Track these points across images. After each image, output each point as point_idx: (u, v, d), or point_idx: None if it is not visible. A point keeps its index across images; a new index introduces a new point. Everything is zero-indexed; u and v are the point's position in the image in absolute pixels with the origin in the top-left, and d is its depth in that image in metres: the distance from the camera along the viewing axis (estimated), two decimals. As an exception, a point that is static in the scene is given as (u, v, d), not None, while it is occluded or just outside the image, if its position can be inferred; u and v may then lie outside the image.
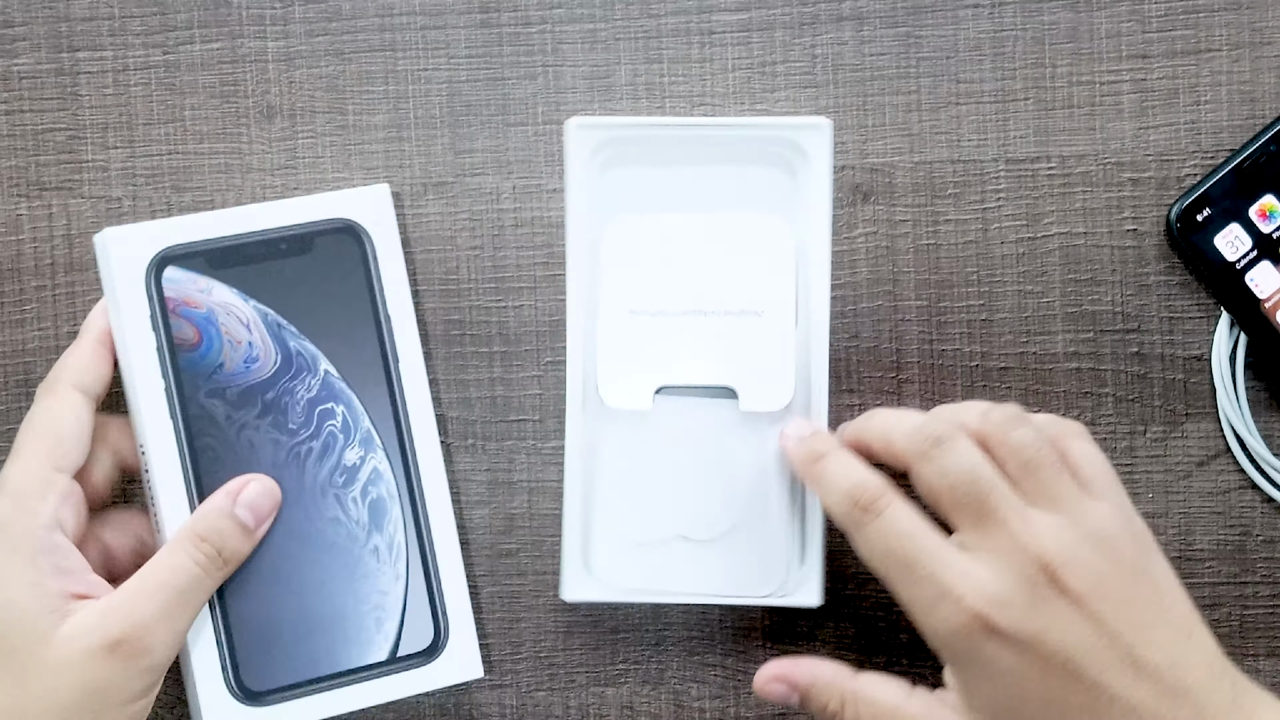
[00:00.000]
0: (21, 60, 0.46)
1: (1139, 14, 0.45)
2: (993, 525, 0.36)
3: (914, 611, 0.36)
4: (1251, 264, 0.44)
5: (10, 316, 0.47)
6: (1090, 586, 0.35)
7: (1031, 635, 0.35)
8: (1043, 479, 0.37)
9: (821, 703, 0.39)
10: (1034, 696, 0.35)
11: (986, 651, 0.35)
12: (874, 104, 0.45)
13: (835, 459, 0.39)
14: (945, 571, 0.36)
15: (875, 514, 0.37)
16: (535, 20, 0.46)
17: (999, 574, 0.35)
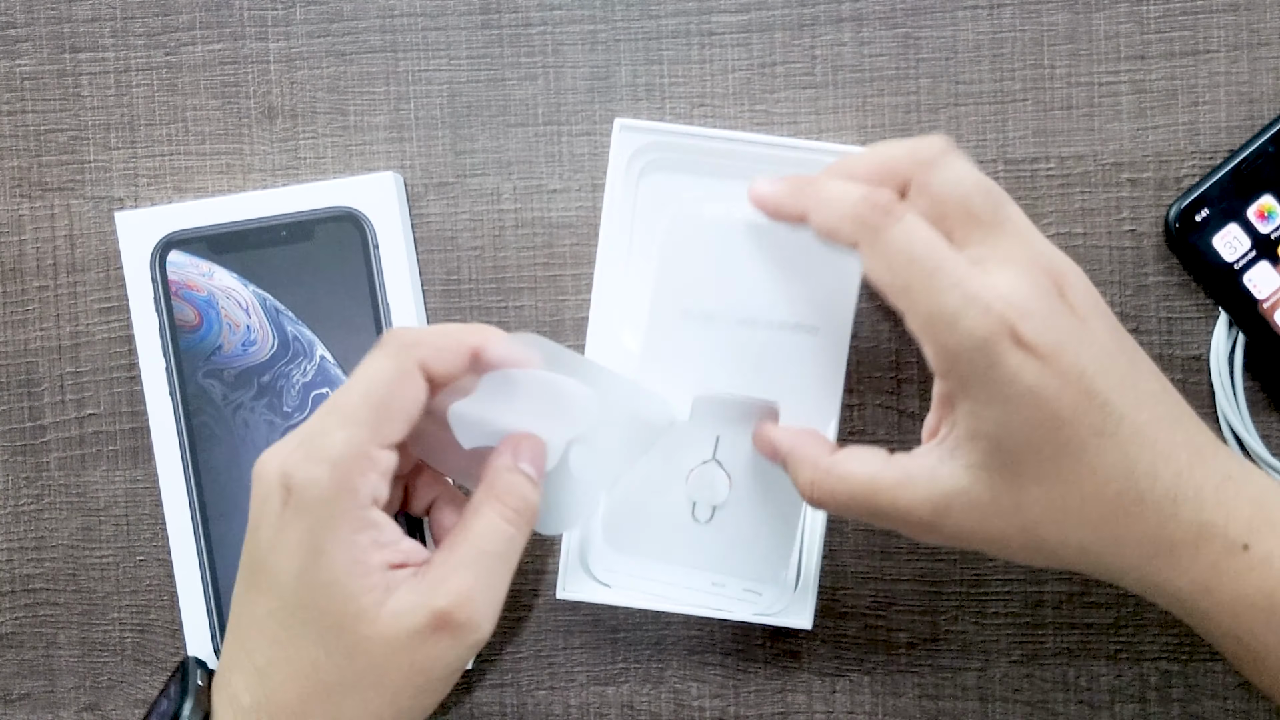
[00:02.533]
0: (24, 61, 0.46)
1: (1137, 15, 0.45)
2: (1005, 235, 0.34)
3: (934, 323, 0.34)
4: (1250, 264, 0.44)
5: (12, 316, 0.47)
6: (1091, 307, 0.34)
7: (1053, 346, 0.33)
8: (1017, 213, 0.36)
9: (795, 473, 0.38)
10: (1046, 416, 0.33)
11: (1009, 363, 0.33)
12: (873, 105, 0.45)
13: (832, 179, 0.37)
14: (970, 280, 0.33)
15: (896, 217, 0.34)
16: (535, 21, 0.46)
17: (1019, 284, 0.33)
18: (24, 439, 0.47)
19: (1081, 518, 0.34)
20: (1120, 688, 0.45)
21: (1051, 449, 0.34)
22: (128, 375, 0.46)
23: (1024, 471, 0.34)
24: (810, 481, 0.37)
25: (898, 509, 0.35)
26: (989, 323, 0.33)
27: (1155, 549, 0.34)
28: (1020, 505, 0.34)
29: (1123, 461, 0.34)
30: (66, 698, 0.47)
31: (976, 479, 0.34)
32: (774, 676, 0.46)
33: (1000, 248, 0.34)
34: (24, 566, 0.47)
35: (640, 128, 0.43)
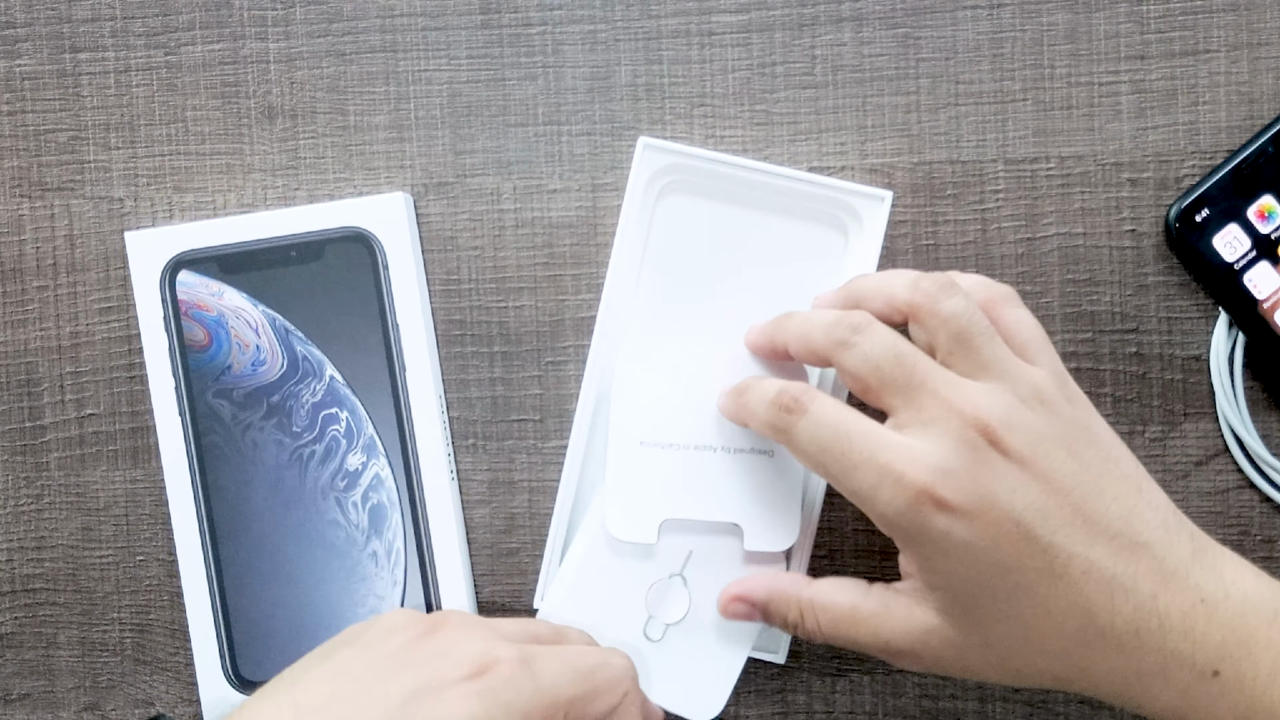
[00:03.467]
0: (24, 61, 0.46)
1: (1137, 15, 0.45)
2: (924, 396, 0.35)
3: (859, 500, 0.35)
4: (1250, 264, 0.44)
5: (12, 316, 0.47)
6: (1031, 446, 0.34)
7: (979, 502, 0.34)
8: (976, 347, 0.35)
9: (781, 615, 0.39)
10: (990, 565, 0.34)
11: (938, 526, 0.34)
12: (873, 105, 0.45)
13: (756, 383, 0.39)
14: (883, 452, 0.34)
15: (801, 411, 0.36)
16: (535, 21, 0.46)
17: (937, 444, 0.34)
18: (24, 439, 0.47)
19: (1046, 650, 0.35)
20: (1120, 688, 0.45)
21: (1004, 592, 0.34)
22: (127, 375, 0.46)
23: (985, 615, 0.35)
24: (798, 617, 0.39)
25: (879, 639, 0.37)
26: (905, 494, 0.34)
27: (1124, 678, 0.34)
28: (989, 642, 0.35)
29: (1078, 600, 0.34)
30: (66, 698, 0.47)
31: (945, 621, 0.36)
32: (774, 676, 0.46)
33: (922, 410, 0.35)
34: (24, 566, 0.47)
35: (664, 149, 0.42)
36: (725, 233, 0.43)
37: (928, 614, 0.36)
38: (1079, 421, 0.35)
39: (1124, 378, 0.45)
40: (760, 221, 0.43)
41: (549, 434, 0.46)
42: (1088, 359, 0.45)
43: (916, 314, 0.36)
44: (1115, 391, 0.45)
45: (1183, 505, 0.45)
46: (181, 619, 0.47)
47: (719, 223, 0.43)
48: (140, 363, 0.46)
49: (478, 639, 0.36)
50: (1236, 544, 0.45)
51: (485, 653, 0.35)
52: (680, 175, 0.43)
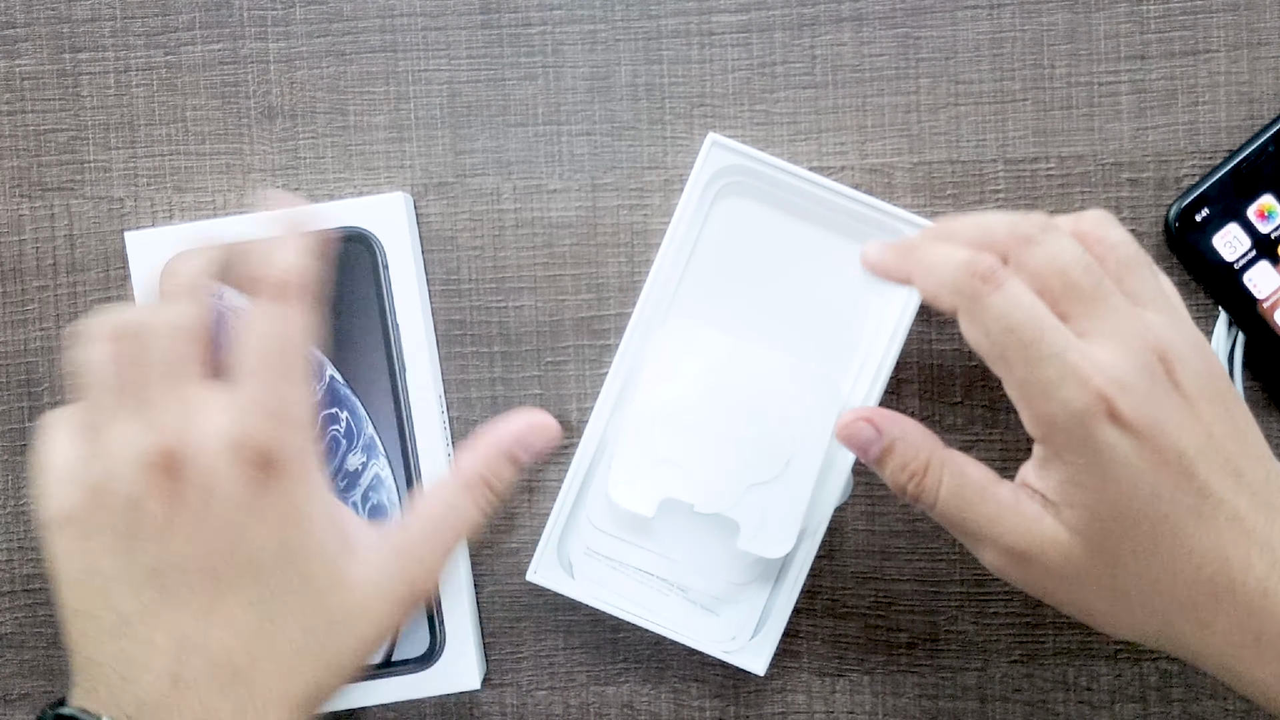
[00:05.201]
0: (24, 61, 0.46)
1: (1137, 15, 0.45)
2: (1107, 310, 0.34)
3: (1032, 393, 0.34)
4: (1250, 264, 0.44)
5: (12, 317, 0.47)
6: (1198, 389, 0.34)
7: (1151, 424, 0.33)
8: (1141, 278, 0.35)
9: (904, 460, 0.37)
10: (1144, 491, 0.33)
11: (1105, 438, 0.33)
12: (873, 105, 0.45)
13: (935, 243, 0.37)
14: (1072, 351, 0.33)
15: (997, 285, 0.34)
16: (535, 21, 0.46)
17: (1120, 359, 0.33)
18: (24, 439, 0.47)
19: (1172, 597, 0.34)
20: (1120, 687, 0.45)
21: (1148, 525, 0.34)
22: (127, 375, 0.46)
23: (1121, 543, 0.34)
24: (922, 468, 0.36)
25: (996, 527, 0.35)
26: (1085, 396, 0.33)
27: (1242, 639, 0.34)
28: (1113, 574, 0.34)
29: (1218, 546, 0.34)
30: (66, 698, 0.47)
31: (1075, 540, 0.34)
32: (774, 676, 0.46)
33: (1105, 321, 0.34)
34: (24, 566, 0.47)
35: (732, 148, 0.42)
36: (778, 240, 0.43)
37: (1058, 527, 0.34)
38: (1226, 378, 0.35)
39: (1124, 377, 0.45)
40: (814, 235, 0.43)
41: (549, 434, 0.46)
42: (1088, 359, 0.45)
43: (1084, 240, 0.36)
44: (1115, 391, 0.45)
45: (1183, 505, 0.45)
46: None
47: (773, 230, 0.43)
48: (140, 363, 0.46)
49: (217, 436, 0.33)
50: (1236, 544, 0.45)
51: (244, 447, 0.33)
52: (741, 177, 0.43)
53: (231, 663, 0.33)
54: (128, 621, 0.33)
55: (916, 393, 0.45)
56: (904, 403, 0.45)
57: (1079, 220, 0.36)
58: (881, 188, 0.45)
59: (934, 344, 0.45)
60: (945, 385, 0.45)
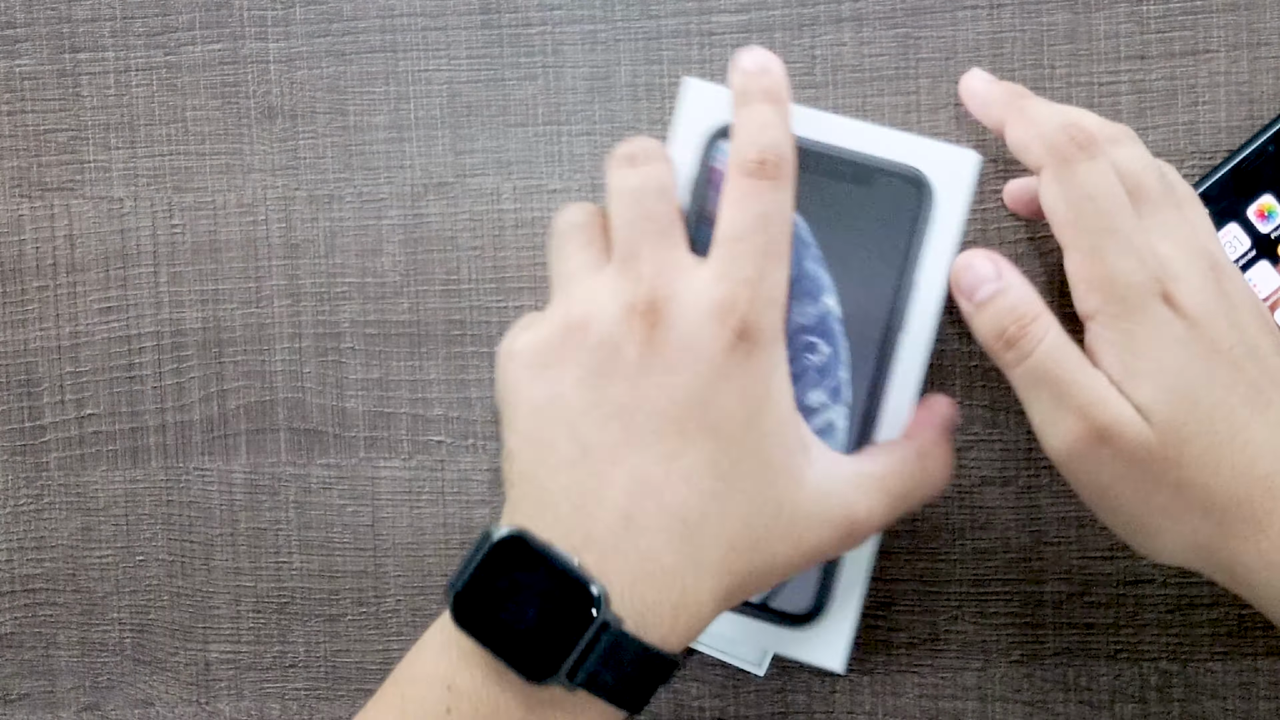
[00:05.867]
0: (24, 61, 0.46)
1: (1137, 15, 0.45)
2: (1171, 217, 0.36)
3: (1093, 261, 0.35)
4: (1250, 264, 0.44)
5: (12, 316, 0.47)
6: (1244, 303, 0.35)
7: (1203, 314, 0.34)
8: (1201, 213, 0.37)
9: (1016, 303, 0.36)
10: (1199, 372, 0.34)
11: (1160, 313, 0.34)
12: (873, 105, 0.45)
13: (1044, 102, 0.38)
14: (1138, 235, 0.35)
15: (1091, 155, 0.36)
16: (535, 21, 0.46)
17: (1177, 254, 0.35)
18: (23, 439, 0.47)
19: (1230, 493, 0.34)
20: (1120, 688, 0.45)
21: (1208, 407, 0.34)
22: (127, 375, 0.46)
23: (1185, 426, 0.34)
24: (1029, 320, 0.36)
25: (1088, 396, 0.34)
26: (1145, 273, 0.34)
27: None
28: (1179, 464, 0.34)
29: (1272, 442, 0.34)
30: (66, 698, 0.47)
31: (1147, 423, 0.34)
32: (774, 676, 0.46)
33: (1167, 225, 0.35)
34: (23, 566, 0.47)
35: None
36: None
37: (1132, 408, 0.34)
38: (1269, 317, 0.37)
39: (1124, 378, 0.45)
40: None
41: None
42: (1088, 359, 0.45)
43: None
44: (1115, 391, 0.45)
45: (1183, 505, 0.45)
46: (181, 618, 0.47)
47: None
48: (140, 363, 0.46)
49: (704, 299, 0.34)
50: (1236, 544, 0.45)
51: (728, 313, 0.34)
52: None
53: (684, 517, 0.33)
54: (589, 454, 0.33)
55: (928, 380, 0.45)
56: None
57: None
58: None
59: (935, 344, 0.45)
60: (946, 385, 0.45)
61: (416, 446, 0.46)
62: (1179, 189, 0.37)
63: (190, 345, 0.47)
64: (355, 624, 0.47)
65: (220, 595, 0.47)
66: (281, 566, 0.47)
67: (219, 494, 0.47)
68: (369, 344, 0.46)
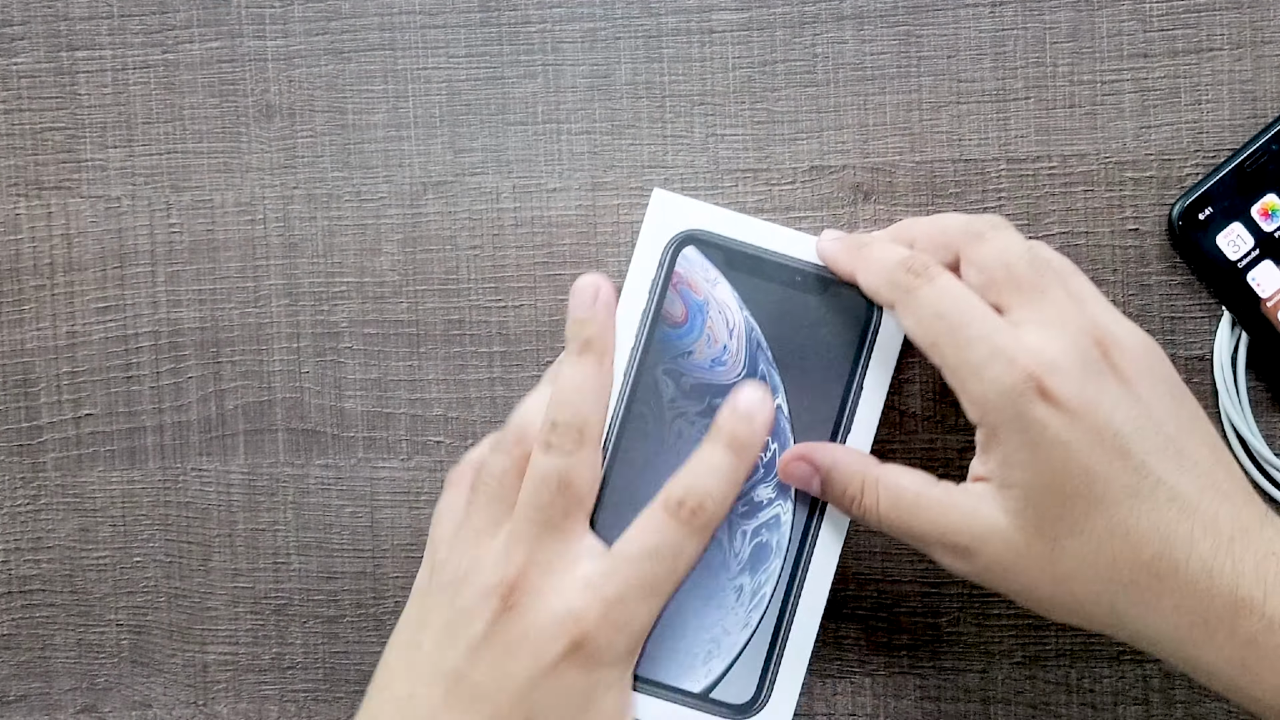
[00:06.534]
0: (20, 59, 0.46)
1: (1140, 13, 0.45)
2: (1046, 301, 0.35)
3: (964, 375, 0.35)
4: (1253, 263, 0.43)
5: (9, 316, 0.46)
6: (1138, 372, 0.35)
7: (1083, 404, 0.34)
8: (1086, 284, 0.37)
9: (841, 487, 0.38)
10: (1078, 469, 0.34)
11: (1036, 415, 0.34)
12: (874, 103, 0.45)
13: (881, 244, 0.39)
14: (1001, 335, 0.35)
15: (929, 279, 0.36)
16: (535, 19, 0.46)
17: (1053, 341, 0.35)
18: (20, 439, 0.47)
19: (1114, 577, 0.34)
20: (1123, 689, 0.45)
21: (1084, 503, 0.34)
22: (124, 375, 0.46)
23: (1058, 523, 0.34)
24: (858, 491, 0.38)
25: (937, 528, 0.36)
26: (1014, 374, 0.34)
27: (1189, 621, 0.34)
28: (1053, 557, 0.35)
29: (1158, 526, 0.34)
30: (63, 699, 0.47)
31: (1012, 523, 0.35)
32: (775, 678, 0.46)
33: (1043, 311, 0.35)
34: (20, 567, 0.47)
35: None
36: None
37: (995, 512, 0.35)
38: (1172, 369, 0.36)
39: (1127, 378, 0.45)
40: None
41: (548, 434, 0.46)
42: (1090, 359, 0.45)
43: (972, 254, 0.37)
44: (1118, 391, 0.45)
45: (1186, 506, 0.45)
46: (179, 620, 0.47)
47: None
48: (138, 363, 0.46)
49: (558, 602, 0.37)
50: (1240, 545, 0.45)
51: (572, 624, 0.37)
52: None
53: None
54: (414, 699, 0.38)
55: (918, 393, 0.45)
56: (906, 402, 0.45)
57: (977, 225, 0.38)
58: (883, 187, 0.45)
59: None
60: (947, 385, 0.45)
61: (415, 447, 0.46)
62: (1053, 265, 0.37)
63: (188, 345, 0.46)
64: (354, 625, 0.46)
65: (218, 596, 0.47)
66: (280, 567, 0.47)
67: (217, 495, 0.47)
68: (367, 344, 0.46)
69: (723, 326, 0.42)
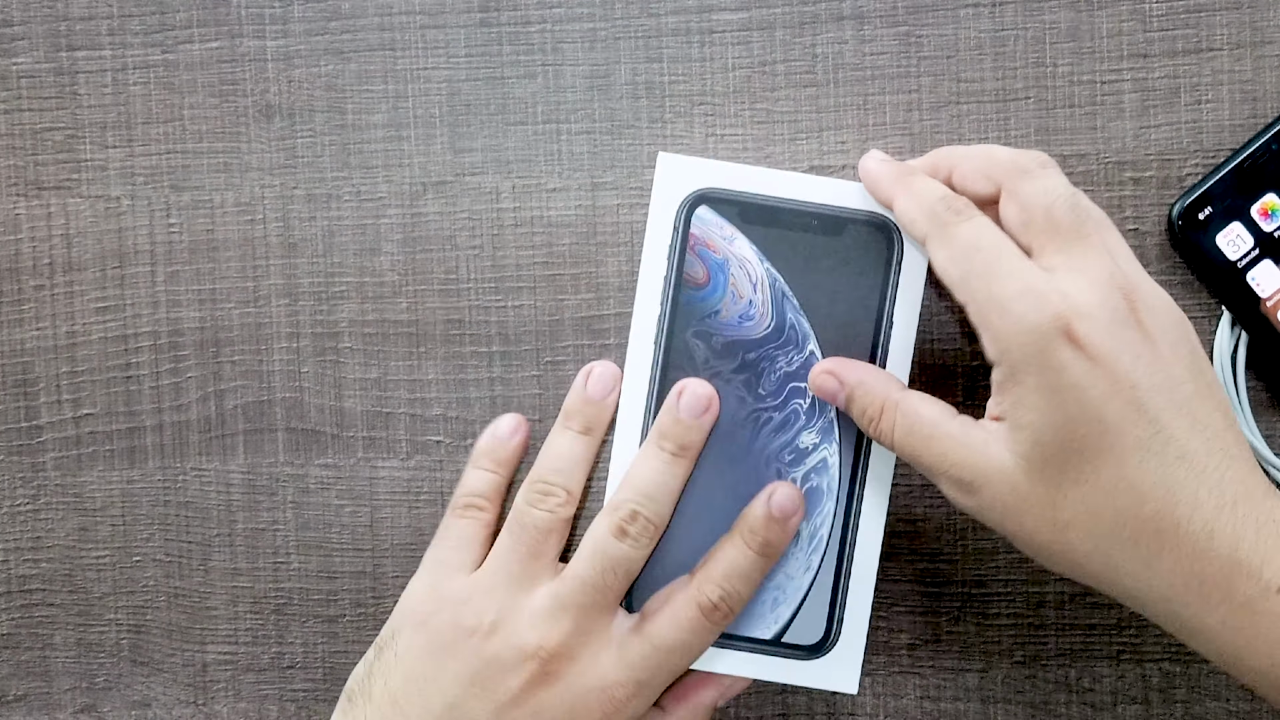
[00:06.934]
0: (20, 59, 0.46)
1: (1140, 13, 0.45)
2: (1084, 249, 0.35)
3: (990, 310, 0.35)
4: (1253, 263, 0.43)
5: (8, 316, 0.46)
6: (1162, 330, 0.35)
7: (1107, 352, 0.34)
8: (1123, 243, 0.37)
9: (862, 406, 0.39)
10: (1092, 416, 0.34)
11: (1058, 357, 0.34)
12: (874, 103, 0.45)
13: (925, 178, 0.39)
14: (1032, 274, 0.35)
15: (968, 217, 0.37)
16: (535, 19, 0.46)
17: (1085, 289, 0.35)
18: (20, 439, 0.47)
19: (1114, 530, 0.34)
20: (1123, 689, 0.45)
21: (1092, 452, 0.34)
22: (124, 375, 0.46)
23: (1064, 470, 0.34)
24: (878, 413, 0.38)
25: (945, 460, 0.36)
26: (1043, 314, 0.34)
27: (1185, 581, 0.34)
28: (1055, 503, 0.34)
29: (1164, 482, 0.34)
30: (63, 699, 0.47)
31: (1019, 465, 0.35)
32: (774, 678, 0.46)
33: (1076, 258, 0.35)
34: (20, 567, 0.47)
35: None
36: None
37: (1004, 452, 0.35)
38: (1195, 337, 0.36)
39: (1126, 377, 0.45)
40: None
41: (547, 434, 0.46)
42: (1090, 359, 0.45)
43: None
44: (1118, 391, 0.45)
45: (1185, 506, 0.45)
46: (179, 619, 0.47)
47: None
48: (137, 362, 0.46)
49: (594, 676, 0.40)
50: (1240, 545, 0.45)
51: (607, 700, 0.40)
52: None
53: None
54: None
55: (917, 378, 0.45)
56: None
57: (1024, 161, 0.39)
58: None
59: (936, 344, 0.45)
60: (947, 385, 0.45)
61: (415, 446, 0.46)
62: (1093, 215, 0.37)
63: (188, 345, 0.46)
64: (353, 625, 0.46)
65: (218, 596, 0.47)
66: (279, 567, 0.47)
67: (216, 494, 0.47)
68: (367, 344, 0.46)
69: (745, 281, 0.42)
